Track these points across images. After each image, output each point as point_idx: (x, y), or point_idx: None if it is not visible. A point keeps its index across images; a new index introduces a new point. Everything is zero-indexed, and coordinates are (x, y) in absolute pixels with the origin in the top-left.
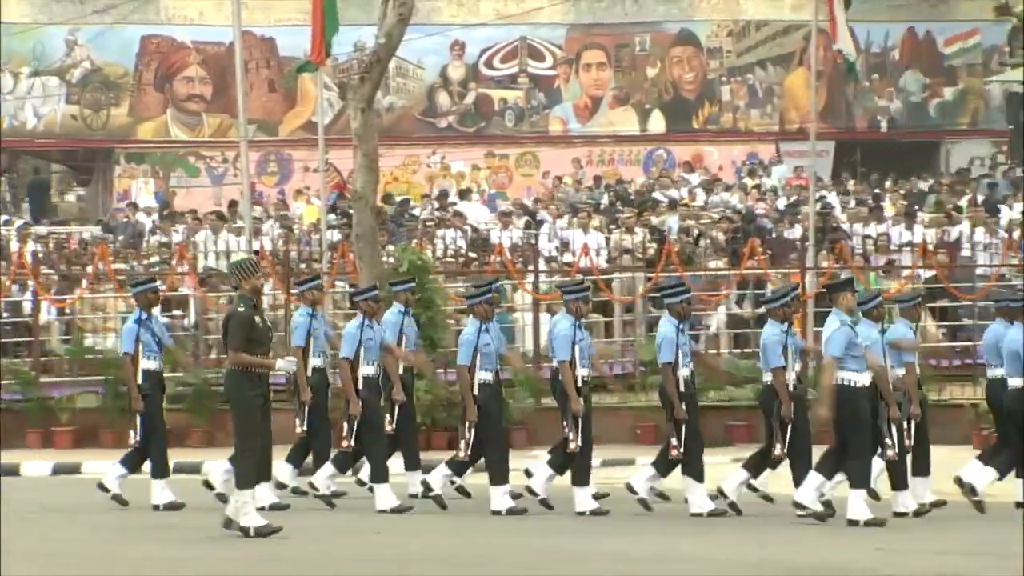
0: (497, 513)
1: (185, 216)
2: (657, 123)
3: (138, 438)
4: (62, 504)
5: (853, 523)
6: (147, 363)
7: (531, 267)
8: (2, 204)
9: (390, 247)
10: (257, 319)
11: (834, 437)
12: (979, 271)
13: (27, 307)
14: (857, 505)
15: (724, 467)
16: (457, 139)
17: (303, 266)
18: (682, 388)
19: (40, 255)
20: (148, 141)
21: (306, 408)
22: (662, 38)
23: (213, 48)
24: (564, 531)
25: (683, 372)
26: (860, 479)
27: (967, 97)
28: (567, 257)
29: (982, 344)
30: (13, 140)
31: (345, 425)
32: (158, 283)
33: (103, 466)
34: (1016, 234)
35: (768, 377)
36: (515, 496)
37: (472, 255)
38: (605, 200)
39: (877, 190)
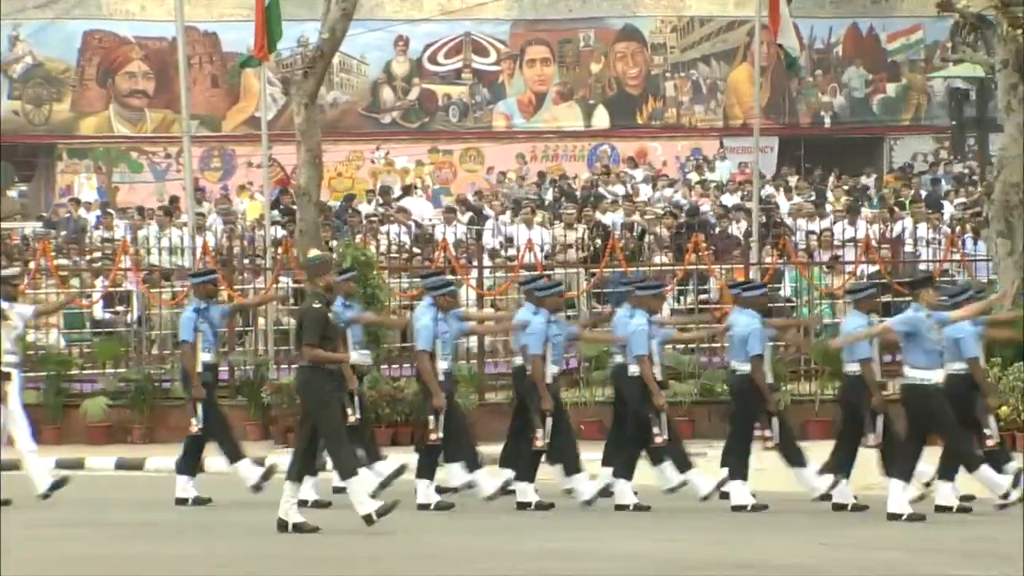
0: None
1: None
2: (601, 118)
3: (200, 426)
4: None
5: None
6: (204, 355)
7: (475, 263)
8: None
9: (334, 243)
10: (330, 315)
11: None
12: (922, 266)
13: None
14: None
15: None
16: (401, 135)
17: (246, 262)
18: (770, 380)
19: None
20: (90, 136)
21: (356, 397)
22: (606, 34)
23: (155, 43)
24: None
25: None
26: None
27: (910, 93)
28: (511, 252)
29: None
30: None
31: (431, 419)
32: (217, 275)
33: (45, 462)
34: (958, 229)
35: (852, 368)
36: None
37: (416, 251)
38: (549, 196)
39: (821, 185)
